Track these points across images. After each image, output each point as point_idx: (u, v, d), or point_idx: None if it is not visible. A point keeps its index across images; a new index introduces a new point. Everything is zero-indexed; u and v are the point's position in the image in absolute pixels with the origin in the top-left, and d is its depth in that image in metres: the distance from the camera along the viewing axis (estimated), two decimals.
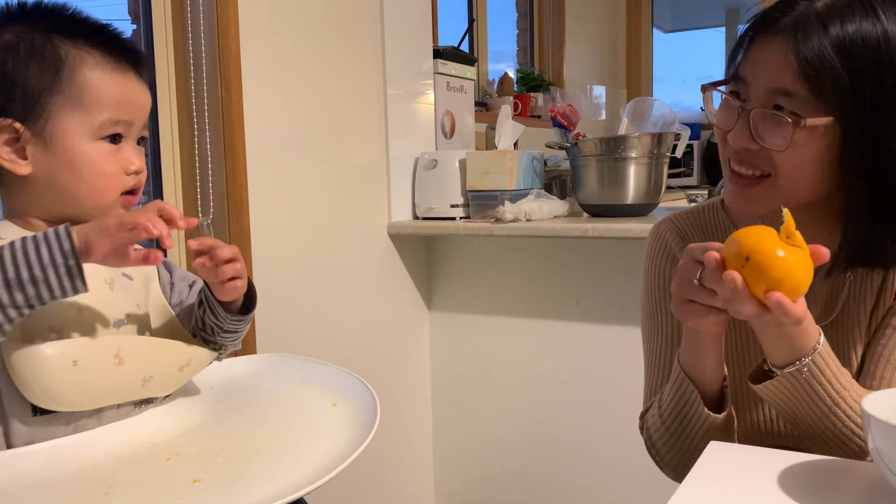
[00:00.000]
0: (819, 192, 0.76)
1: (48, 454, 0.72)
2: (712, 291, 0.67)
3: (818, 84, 0.69)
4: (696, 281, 0.68)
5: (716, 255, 0.66)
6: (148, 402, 0.82)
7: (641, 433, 0.91)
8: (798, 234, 0.65)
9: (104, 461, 0.72)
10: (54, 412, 0.73)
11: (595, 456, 1.77)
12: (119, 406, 0.78)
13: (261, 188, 1.45)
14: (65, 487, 0.67)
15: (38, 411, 0.73)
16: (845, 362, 0.81)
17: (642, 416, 0.91)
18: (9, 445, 0.73)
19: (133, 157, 0.80)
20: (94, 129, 0.76)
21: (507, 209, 1.68)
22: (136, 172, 0.80)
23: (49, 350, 0.70)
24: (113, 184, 0.78)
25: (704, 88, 0.81)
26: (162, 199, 1.44)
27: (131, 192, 0.81)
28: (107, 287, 0.79)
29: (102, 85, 0.77)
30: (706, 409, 0.77)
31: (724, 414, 0.79)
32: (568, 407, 1.80)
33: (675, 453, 0.83)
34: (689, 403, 0.78)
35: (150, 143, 1.43)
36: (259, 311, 1.44)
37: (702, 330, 0.74)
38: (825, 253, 0.66)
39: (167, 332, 0.85)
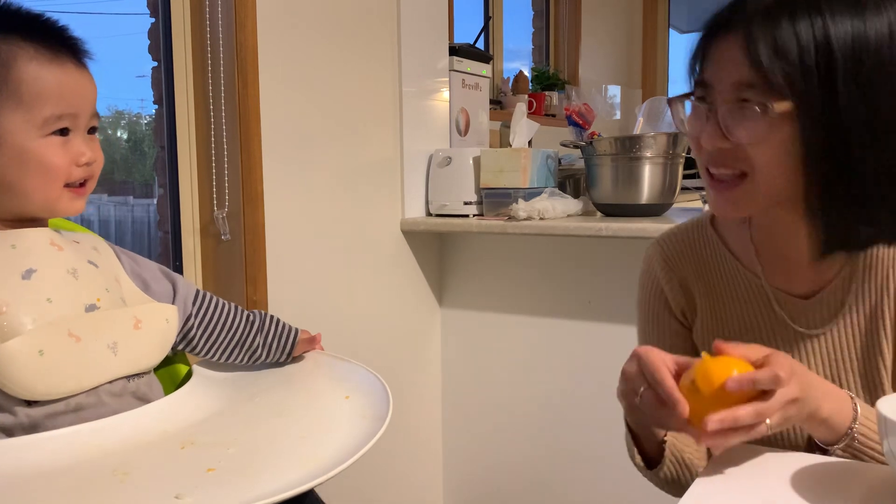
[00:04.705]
0: (797, 185, 0.75)
1: (64, 441, 0.72)
2: (655, 412, 0.69)
3: (774, 72, 0.70)
4: (637, 400, 0.70)
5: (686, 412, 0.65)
6: (139, 375, 0.83)
7: None
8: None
9: (119, 449, 0.72)
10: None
11: (603, 453, 1.77)
12: (111, 381, 0.79)
13: (276, 182, 1.46)
14: (80, 474, 0.68)
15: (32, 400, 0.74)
16: (872, 370, 0.80)
17: None
18: (12, 433, 0.74)
19: (83, 149, 0.79)
20: (38, 125, 0.75)
21: (521, 207, 1.68)
22: (88, 164, 0.79)
23: (14, 345, 0.70)
24: (59, 176, 0.77)
25: (671, 102, 0.81)
26: (178, 192, 1.45)
27: (81, 184, 0.81)
28: (71, 277, 0.78)
29: (40, 79, 0.75)
30: (642, 464, 0.83)
31: (655, 470, 0.82)
32: (577, 405, 1.79)
33: (647, 477, 0.87)
34: (634, 455, 0.83)
35: (167, 137, 1.45)
36: (272, 305, 1.46)
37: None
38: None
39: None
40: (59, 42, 0.77)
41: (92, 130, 0.81)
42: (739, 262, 0.87)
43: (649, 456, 0.83)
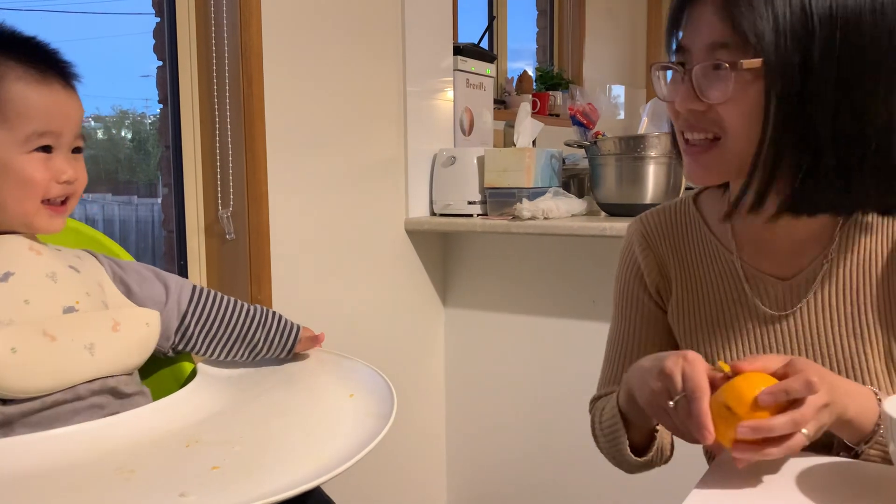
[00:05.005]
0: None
1: (68, 439, 0.73)
2: (686, 423, 0.67)
3: (746, 27, 0.70)
4: (671, 403, 0.68)
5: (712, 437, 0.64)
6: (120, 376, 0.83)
7: (590, 413, 0.94)
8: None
9: (124, 447, 0.73)
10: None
11: None
12: (91, 381, 0.79)
13: (280, 182, 1.46)
14: (86, 472, 0.68)
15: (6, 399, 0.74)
16: (853, 355, 0.78)
17: (593, 402, 0.94)
18: None
19: (65, 167, 0.81)
20: (21, 141, 0.77)
21: (525, 207, 1.68)
22: (69, 182, 0.81)
23: None
24: (37, 191, 0.79)
25: (653, 69, 0.81)
26: (183, 191, 1.45)
27: (63, 202, 0.82)
28: (49, 280, 0.80)
29: (26, 98, 0.77)
30: (630, 452, 0.82)
31: (644, 458, 0.82)
32: (581, 405, 1.79)
33: (610, 458, 0.88)
34: (619, 441, 0.82)
35: (172, 137, 1.45)
36: (276, 304, 1.46)
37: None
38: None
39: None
40: (48, 64, 0.80)
41: (77, 150, 0.83)
42: (717, 239, 0.86)
43: (632, 441, 0.82)
